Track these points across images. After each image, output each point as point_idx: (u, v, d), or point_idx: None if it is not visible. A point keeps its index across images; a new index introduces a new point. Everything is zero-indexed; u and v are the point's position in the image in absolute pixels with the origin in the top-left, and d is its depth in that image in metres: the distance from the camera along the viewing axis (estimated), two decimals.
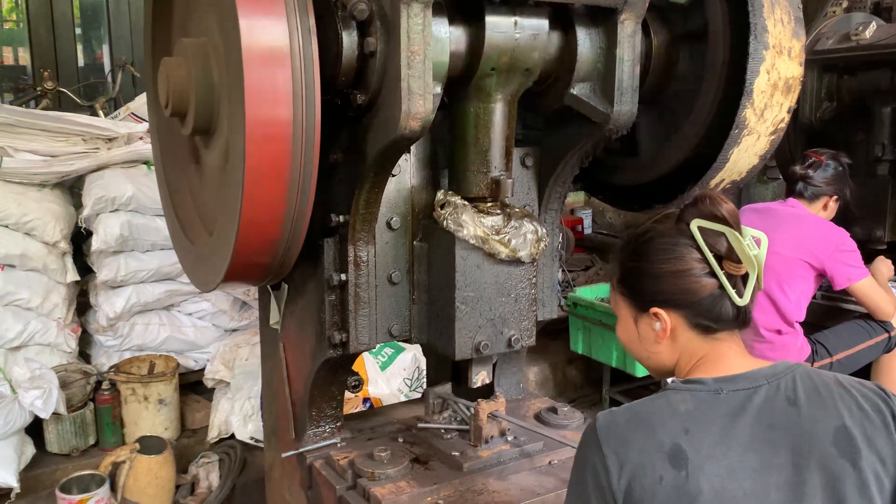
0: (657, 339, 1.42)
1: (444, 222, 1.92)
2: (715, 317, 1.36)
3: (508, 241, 1.94)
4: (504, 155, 1.98)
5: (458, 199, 1.95)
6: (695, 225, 1.35)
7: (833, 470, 1.24)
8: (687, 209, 1.39)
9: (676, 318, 1.39)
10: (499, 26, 1.81)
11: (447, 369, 2.40)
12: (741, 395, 1.30)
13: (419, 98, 1.64)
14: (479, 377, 2.15)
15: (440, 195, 1.98)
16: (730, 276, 1.34)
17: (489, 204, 1.98)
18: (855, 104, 3.78)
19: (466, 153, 1.97)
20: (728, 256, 1.34)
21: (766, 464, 1.25)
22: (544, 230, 2.00)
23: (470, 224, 1.91)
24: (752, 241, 1.34)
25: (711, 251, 1.34)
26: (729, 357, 1.38)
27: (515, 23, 1.82)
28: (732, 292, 1.34)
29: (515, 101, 1.97)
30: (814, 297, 3.29)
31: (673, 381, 1.38)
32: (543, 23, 1.87)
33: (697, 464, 1.24)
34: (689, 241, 1.36)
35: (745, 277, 1.35)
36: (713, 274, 1.35)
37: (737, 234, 1.33)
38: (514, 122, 1.99)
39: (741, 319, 1.38)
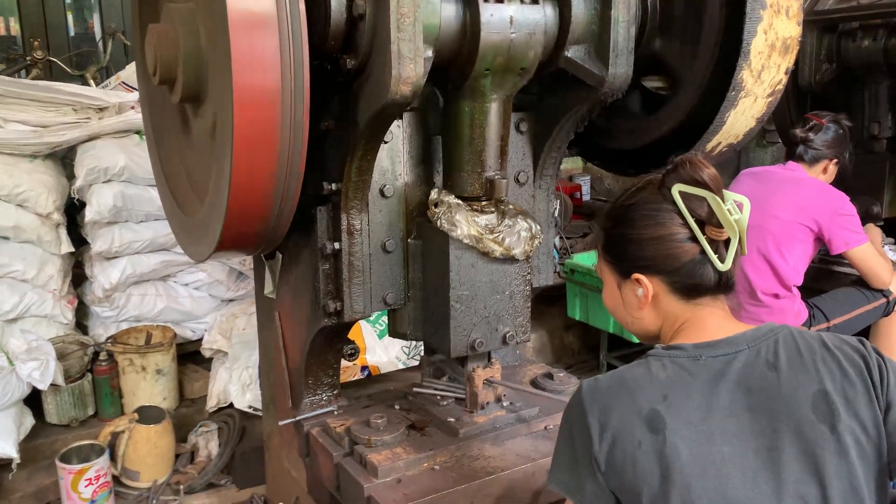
0: (640, 304, 1.42)
1: (438, 221, 1.92)
2: (697, 282, 1.36)
3: (502, 240, 1.93)
4: (499, 155, 1.97)
5: (451, 199, 1.94)
6: (676, 190, 1.34)
7: (811, 435, 1.23)
8: (668, 174, 1.38)
9: (658, 283, 1.39)
10: (493, 26, 1.77)
11: None
12: (721, 361, 1.30)
13: (410, 62, 1.61)
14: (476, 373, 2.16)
15: (434, 194, 1.97)
16: (711, 242, 1.34)
17: (483, 203, 1.97)
18: (855, 70, 3.72)
19: (461, 153, 1.95)
20: (709, 221, 1.33)
21: (744, 429, 1.25)
22: (538, 227, 1.99)
23: (463, 223, 1.90)
24: (734, 206, 1.33)
25: (693, 216, 1.33)
26: (711, 322, 1.37)
27: (511, 21, 1.79)
28: (714, 257, 1.34)
29: (511, 101, 1.95)
30: (812, 261, 3.28)
31: (655, 348, 1.37)
32: (539, 19, 1.83)
33: (675, 429, 1.25)
34: (670, 207, 1.35)
35: (727, 242, 1.34)
36: (695, 239, 1.34)
37: (718, 198, 1.32)
38: (509, 122, 1.97)
39: (723, 284, 1.37)
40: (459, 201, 1.94)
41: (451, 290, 1.94)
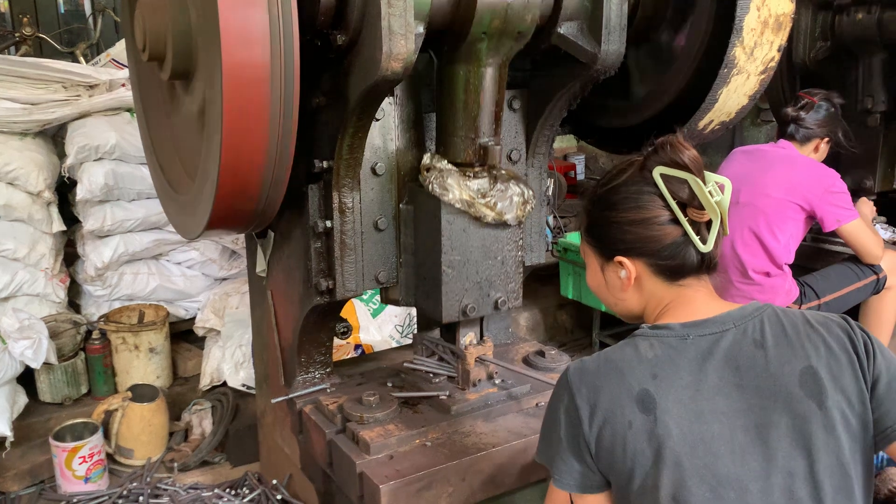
0: (623, 286, 1.42)
1: (430, 186, 1.91)
2: (679, 263, 1.36)
3: (494, 205, 1.92)
4: (493, 121, 1.95)
5: (444, 163, 1.93)
6: (657, 172, 1.34)
7: (799, 411, 1.24)
8: (649, 157, 1.37)
9: (641, 265, 1.39)
10: None
11: None
12: (708, 340, 1.31)
13: (400, 38, 1.60)
14: (467, 339, 2.17)
15: (426, 159, 1.96)
16: (693, 223, 1.34)
17: (476, 168, 1.95)
18: (850, 43, 3.71)
19: (455, 118, 1.94)
20: (691, 203, 1.33)
21: (733, 407, 1.26)
22: (531, 192, 1.98)
23: (455, 188, 1.89)
24: (716, 187, 1.33)
25: (674, 198, 1.33)
26: (697, 302, 1.37)
27: None
28: (696, 239, 1.34)
29: (506, 66, 1.93)
30: (803, 240, 3.29)
31: (641, 328, 1.38)
32: None
33: (665, 408, 1.26)
34: (652, 189, 1.35)
35: (709, 224, 1.34)
36: (677, 221, 1.34)
37: (699, 180, 1.32)
38: (504, 87, 1.96)
39: (706, 265, 1.38)
40: (451, 166, 1.93)
41: (442, 255, 1.93)
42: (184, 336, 3.70)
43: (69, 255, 3.58)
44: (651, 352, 1.31)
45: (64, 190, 3.48)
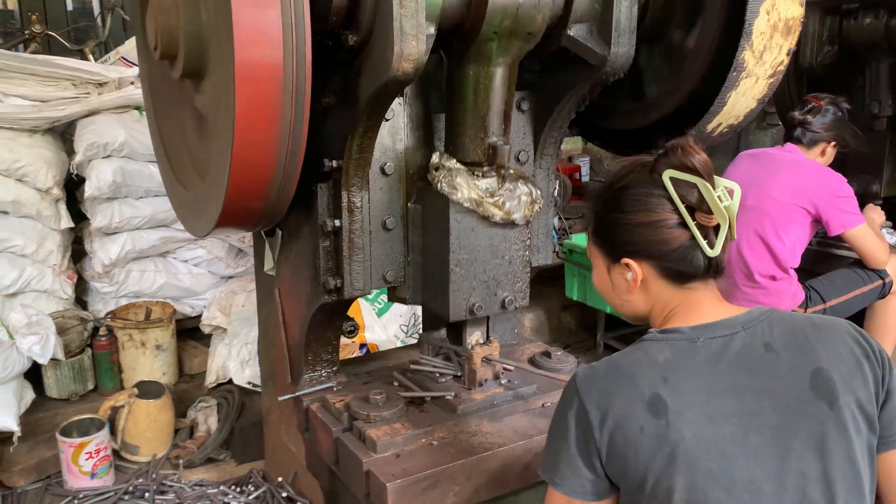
0: (629, 288, 1.42)
1: (439, 185, 1.92)
2: (686, 267, 1.36)
3: (503, 204, 1.93)
4: (502, 121, 1.96)
5: (452, 163, 1.93)
6: (667, 175, 1.33)
7: (811, 412, 1.25)
8: (659, 159, 1.36)
9: (647, 268, 1.39)
10: None
11: None
12: (718, 343, 1.31)
13: (412, 39, 1.61)
14: (474, 338, 2.18)
15: (435, 158, 1.97)
16: (701, 227, 1.33)
17: (485, 168, 1.96)
18: (857, 48, 3.71)
19: (464, 117, 1.94)
20: (699, 207, 1.32)
21: (745, 409, 1.26)
22: (539, 192, 1.99)
23: (464, 187, 1.90)
24: (725, 192, 1.33)
25: (683, 202, 1.32)
26: (704, 305, 1.37)
27: None
28: (703, 243, 1.33)
29: (516, 66, 1.94)
30: (809, 244, 3.29)
31: (650, 332, 1.37)
32: None
33: (677, 411, 1.25)
34: (661, 192, 1.34)
35: (717, 228, 1.34)
36: (685, 225, 1.33)
37: (708, 185, 1.31)
38: (513, 87, 1.96)
39: (713, 269, 1.37)
40: (460, 165, 1.93)
41: (450, 254, 1.94)
42: (190, 333, 3.71)
43: (77, 252, 3.59)
44: (661, 356, 1.31)
45: (72, 187, 3.50)
